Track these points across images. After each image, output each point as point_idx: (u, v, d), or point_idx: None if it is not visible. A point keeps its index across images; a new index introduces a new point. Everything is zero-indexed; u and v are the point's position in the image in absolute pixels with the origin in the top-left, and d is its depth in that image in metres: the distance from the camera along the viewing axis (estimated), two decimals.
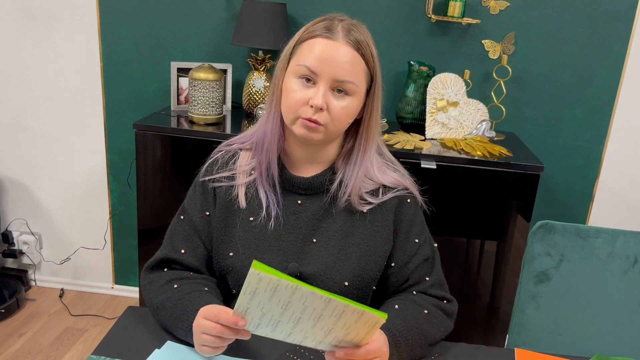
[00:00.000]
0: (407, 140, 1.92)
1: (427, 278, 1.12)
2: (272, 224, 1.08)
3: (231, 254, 1.09)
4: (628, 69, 2.14)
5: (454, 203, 1.86)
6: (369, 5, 2.16)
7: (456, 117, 2.01)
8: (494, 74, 2.13)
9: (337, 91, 1.02)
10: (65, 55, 2.35)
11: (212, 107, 1.99)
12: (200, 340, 0.92)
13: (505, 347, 1.71)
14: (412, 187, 1.15)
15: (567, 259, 1.30)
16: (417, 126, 2.06)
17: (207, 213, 1.12)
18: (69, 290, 2.64)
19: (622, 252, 1.28)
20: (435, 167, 1.80)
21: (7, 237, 2.56)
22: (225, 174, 1.13)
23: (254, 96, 2.11)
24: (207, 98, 1.97)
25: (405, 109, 2.08)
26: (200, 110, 1.98)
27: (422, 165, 1.80)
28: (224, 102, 2.09)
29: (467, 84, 2.06)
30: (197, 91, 1.96)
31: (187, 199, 1.16)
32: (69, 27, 2.31)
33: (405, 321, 1.02)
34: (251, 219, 1.09)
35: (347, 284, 1.07)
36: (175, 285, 1.06)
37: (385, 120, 2.11)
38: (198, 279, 1.09)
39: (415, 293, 1.11)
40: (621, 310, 1.30)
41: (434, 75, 2.03)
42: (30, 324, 2.37)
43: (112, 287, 2.65)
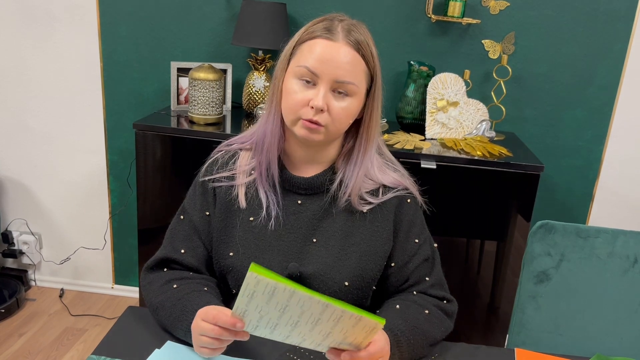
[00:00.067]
0: (407, 140, 1.92)
1: (427, 278, 1.12)
2: (272, 224, 1.08)
3: (231, 254, 1.09)
4: (628, 69, 2.14)
5: (454, 203, 1.86)
6: (369, 5, 2.15)
7: (456, 117, 2.01)
8: (494, 74, 2.13)
9: (337, 92, 1.02)
10: (65, 55, 2.35)
11: (212, 107, 1.99)
12: (199, 342, 0.92)
13: (505, 347, 1.71)
14: (412, 187, 1.15)
15: (567, 259, 1.30)
16: (417, 126, 2.06)
17: (207, 213, 1.12)
18: (69, 290, 2.64)
19: (622, 252, 1.28)
20: (435, 167, 1.80)
21: (7, 237, 2.56)
22: (225, 174, 1.13)
23: (254, 96, 2.11)
24: (207, 98, 1.97)
25: (405, 109, 2.08)
26: (200, 110, 1.98)
27: (422, 165, 1.80)
28: (224, 102, 2.09)
29: (467, 84, 2.06)
30: (197, 91, 1.96)
31: (187, 199, 1.16)
32: (69, 27, 2.31)
33: (407, 321, 1.02)
34: (251, 219, 1.09)
35: (347, 283, 1.07)
36: (174, 285, 1.06)
37: (385, 120, 2.11)
38: (198, 279, 1.09)
39: (415, 293, 1.11)
40: (621, 310, 1.30)
41: (434, 75, 2.03)
42: (30, 324, 2.37)
43: (112, 287, 2.65)
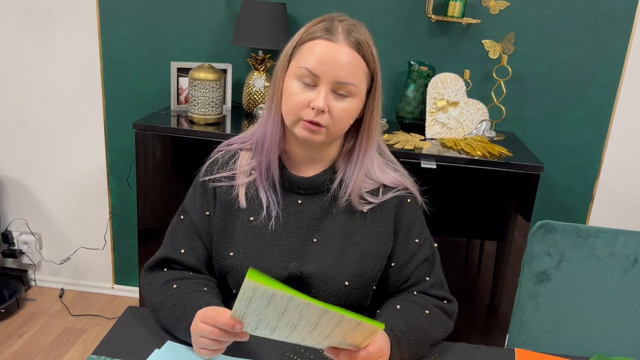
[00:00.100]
0: (407, 140, 1.92)
1: (427, 278, 1.12)
2: (272, 224, 1.08)
3: (231, 253, 1.09)
4: (628, 69, 2.14)
5: (454, 203, 1.86)
6: (369, 5, 2.15)
7: (456, 117, 2.01)
8: (494, 74, 2.13)
9: (338, 93, 1.02)
10: (65, 55, 2.35)
11: (212, 107, 1.99)
12: (198, 343, 0.92)
13: (505, 347, 1.71)
14: (412, 187, 1.15)
15: (567, 259, 1.30)
16: (417, 126, 2.06)
17: (207, 213, 1.12)
18: (69, 290, 2.64)
19: (622, 252, 1.28)
20: (435, 167, 1.80)
21: (7, 237, 2.56)
22: (225, 173, 1.13)
23: (254, 96, 2.11)
24: (207, 98, 1.97)
25: (405, 108, 2.08)
26: (200, 110, 1.98)
27: (422, 165, 1.80)
28: (224, 102, 2.09)
29: (467, 84, 2.06)
30: (197, 91, 1.96)
31: (187, 198, 1.16)
32: (69, 27, 2.31)
33: (407, 321, 1.02)
34: (251, 218, 1.09)
35: (347, 283, 1.07)
36: (174, 286, 1.06)
37: (385, 120, 2.11)
38: (197, 279, 1.09)
39: (416, 293, 1.11)
40: (621, 310, 1.30)
41: (434, 75, 2.03)
42: (30, 324, 2.37)
43: (112, 287, 2.65)
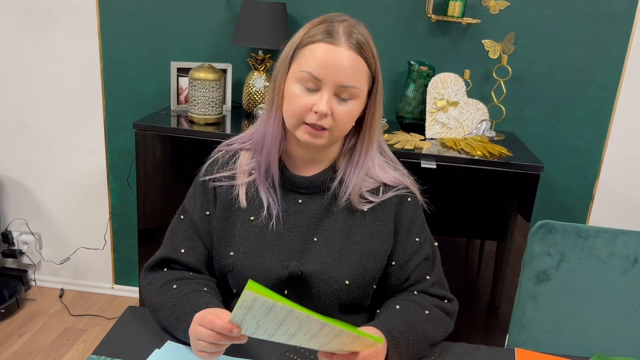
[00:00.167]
0: (407, 140, 1.92)
1: (427, 277, 1.12)
2: (273, 224, 1.08)
3: (232, 253, 1.09)
4: (628, 69, 2.14)
5: (454, 203, 1.86)
6: (369, 5, 2.15)
7: (456, 117, 2.01)
8: (494, 74, 2.13)
9: (340, 96, 1.02)
10: (65, 55, 2.35)
11: (212, 107, 1.99)
12: (196, 346, 0.92)
13: (505, 347, 1.71)
14: (413, 186, 1.15)
15: (567, 258, 1.30)
16: (417, 126, 2.06)
17: (207, 212, 1.12)
18: (69, 290, 2.64)
19: (622, 252, 1.28)
20: (435, 167, 1.80)
21: (7, 237, 2.56)
22: (225, 173, 1.13)
23: (254, 96, 2.11)
24: (207, 98, 1.97)
25: (405, 108, 2.08)
26: (200, 110, 1.98)
27: (422, 165, 1.80)
28: (223, 102, 2.09)
29: (467, 84, 2.06)
30: (197, 91, 1.96)
31: (187, 198, 1.16)
32: (69, 27, 2.31)
33: (406, 322, 1.02)
34: (252, 218, 1.09)
35: (347, 282, 1.07)
36: (174, 286, 1.06)
37: (385, 120, 2.11)
38: (197, 279, 1.09)
39: (416, 293, 1.11)
40: (621, 310, 1.30)
41: (434, 75, 2.03)
42: (30, 324, 2.37)
43: (112, 287, 2.65)
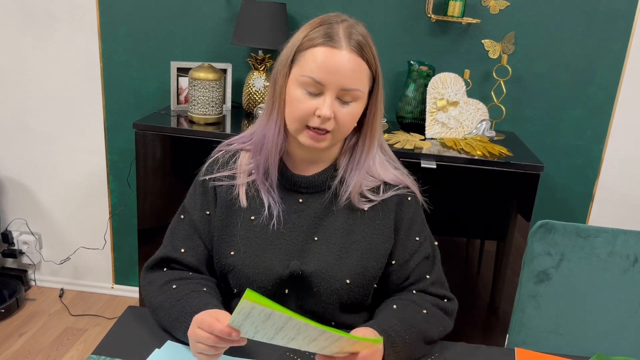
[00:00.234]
0: (407, 140, 1.92)
1: (427, 276, 1.12)
2: (274, 223, 1.08)
3: (232, 252, 1.09)
4: (628, 68, 2.14)
5: (454, 203, 1.86)
6: (369, 5, 2.15)
7: (456, 117, 2.01)
8: (494, 74, 2.13)
9: (343, 100, 1.02)
10: (65, 55, 2.35)
11: (212, 106, 1.99)
12: (195, 348, 0.92)
13: (505, 346, 1.71)
14: (413, 185, 1.15)
15: (567, 258, 1.30)
16: (417, 126, 2.06)
17: (208, 212, 1.12)
18: (69, 290, 2.64)
19: (622, 252, 1.28)
20: (435, 166, 1.80)
21: (7, 237, 2.56)
22: (225, 173, 1.13)
23: (254, 96, 2.11)
24: (207, 98, 1.97)
25: (405, 108, 2.08)
26: (200, 110, 1.98)
27: (422, 165, 1.80)
28: (223, 101, 2.09)
29: (467, 84, 2.06)
30: (197, 91, 1.96)
31: (187, 198, 1.16)
32: (69, 27, 2.31)
33: (403, 321, 1.02)
34: (252, 217, 1.09)
35: (348, 281, 1.07)
36: (174, 286, 1.06)
37: (385, 120, 2.11)
38: (197, 279, 1.09)
39: (415, 292, 1.11)
40: (621, 310, 1.30)
41: (434, 74, 2.03)
42: (30, 324, 2.37)
43: (112, 287, 2.65)
